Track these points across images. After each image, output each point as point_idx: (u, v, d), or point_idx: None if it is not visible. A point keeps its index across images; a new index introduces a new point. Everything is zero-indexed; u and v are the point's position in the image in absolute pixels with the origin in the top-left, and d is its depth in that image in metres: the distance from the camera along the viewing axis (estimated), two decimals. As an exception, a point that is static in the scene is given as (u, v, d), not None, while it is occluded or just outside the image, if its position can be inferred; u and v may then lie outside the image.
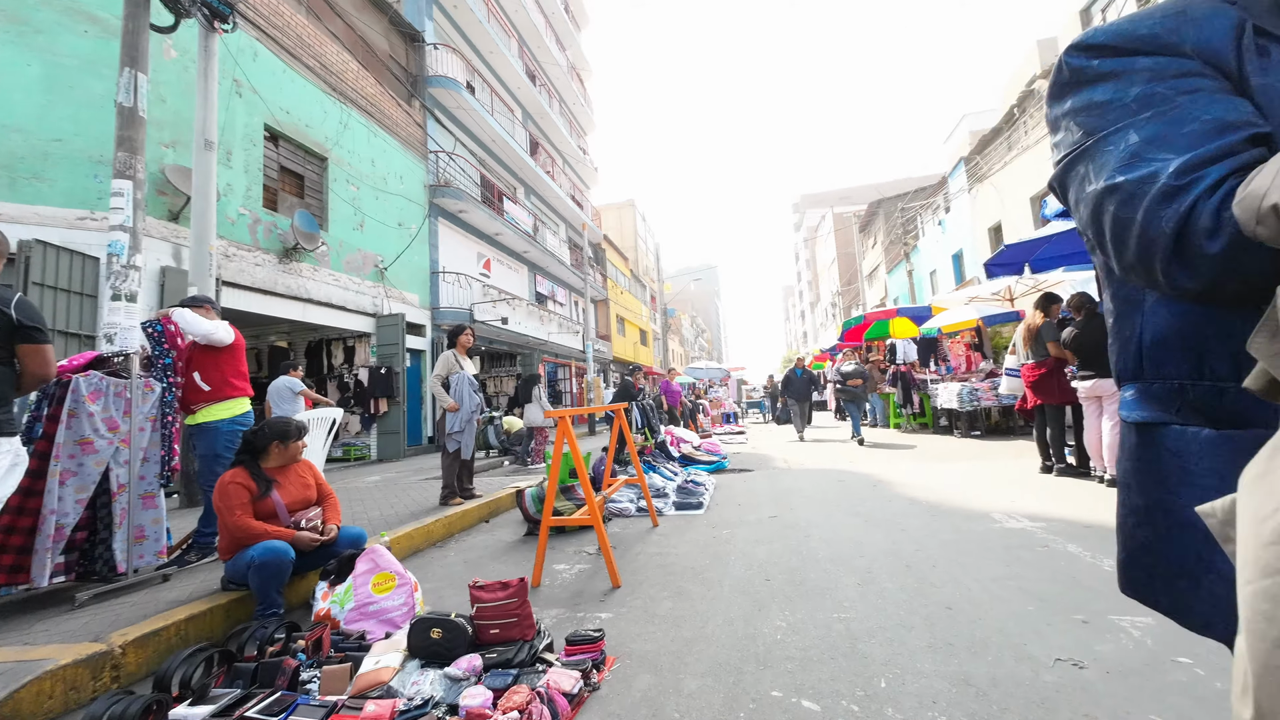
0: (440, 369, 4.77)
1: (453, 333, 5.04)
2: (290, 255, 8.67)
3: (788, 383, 10.41)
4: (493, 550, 3.74)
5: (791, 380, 10.29)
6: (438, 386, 4.72)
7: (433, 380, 4.73)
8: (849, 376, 8.79)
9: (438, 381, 4.75)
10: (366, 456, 10.41)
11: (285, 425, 2.72)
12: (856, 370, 8.90)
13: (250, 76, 8.29)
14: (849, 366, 8.98)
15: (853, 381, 8.73)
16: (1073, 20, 13.10)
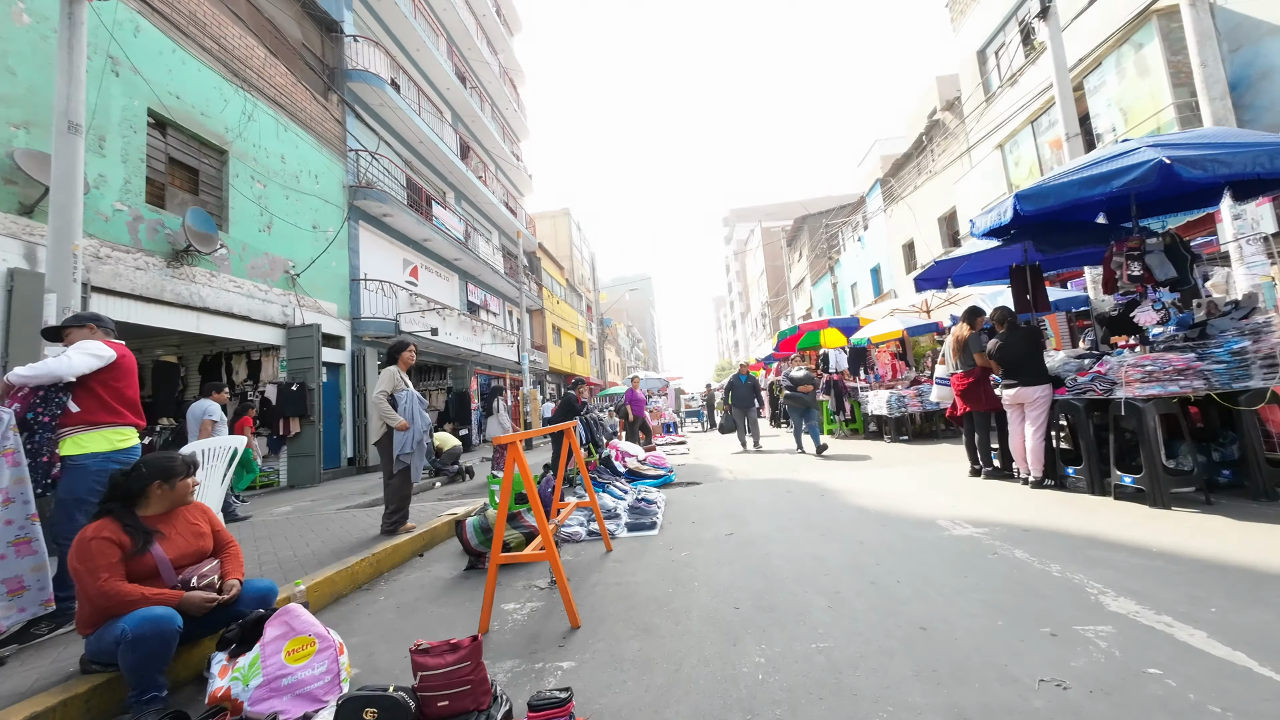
0: (385, 385, 4.36)
1: (394, 349, 4.62)
2: (181, 258, 7.65)
3: (732, 390, 9.93)
4: (430, 590, 3.35)
5: (736, 387, 9.86)
6: (384, 404, 4.29)
7: (377, 397, 4.28)
8: (799, 383, 8.19)
9: (383, 399, 4.30)
10: (275, 483, 9.35)
11: (169, 461, 2.25)
12: (806, 376, 8.31)
13: (131, 54, 7.28)
14: (799, 372, 8.37)
15: (803, 388, 8.17)
16: (970, 60, 14.45)
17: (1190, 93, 8.08)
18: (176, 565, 2.20)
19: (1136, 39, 8.79)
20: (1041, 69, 11.28)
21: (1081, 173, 3.54)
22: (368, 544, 4.09)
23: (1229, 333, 3.65)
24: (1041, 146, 11.51)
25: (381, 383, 4.37)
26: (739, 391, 9.77)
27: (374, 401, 4.31)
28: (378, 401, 4.29)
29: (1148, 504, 3.63)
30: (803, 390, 8.16)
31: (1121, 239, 4.10)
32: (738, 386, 9.84)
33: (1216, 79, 5.84)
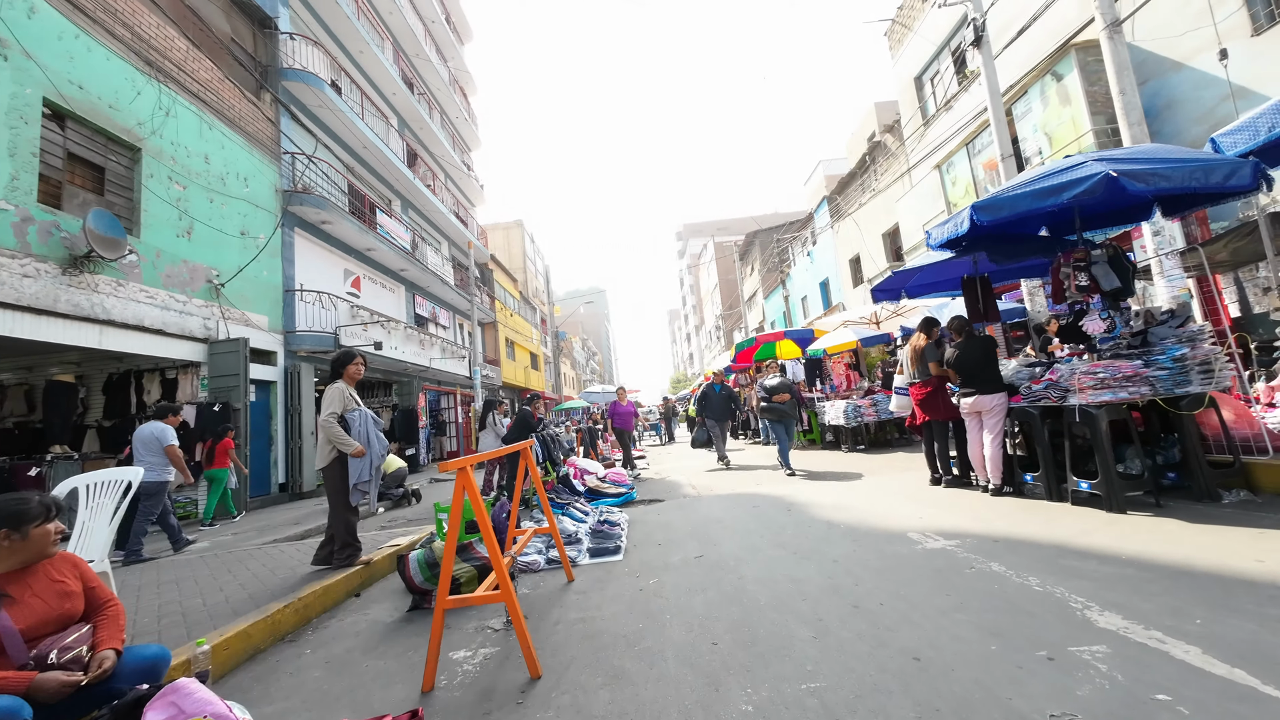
0: (335, 406, 3.82)
1: (338, 361, 4.05)
2: (81, 265, 6.81)
3: (705, 401, 9.06)
4: (366, 638, 2.94)
5: (709, 398, 9.00)
6: (335, 428, 3.77)
7: (326, 420, 3.76)
8: (774, 391, 7.42)
9: (334, 421, 3.78)
10: (192, 515, 8.41)
11: (19, 504, 1.81)
12: (782, 384, 7.49)
13: (23, 37, 6.49)
14: (773, 380, 7.58)
15: (779, 397, 7.36)
16: (908, 86, 15.27)
17: (1107, 120, 8.74)
18: (31, 636, 1.76)
19: (1058, 69, 9.47)
20: (974, 96, 12.01)
21: (1034, 185, 3.63)
22: (294, 586, 3.61)
23: (1168, 340, 3.81)
24: (976, 167, 12.20)
25: (330, 402, 3.83)
26: (713, 403, 8.96)
27: (323, 424, 3.77)
28: (327, 425, 3.76)
29: (1104, 509, 3.69)
30: (778, 400, 7.40)
31: (1068, 250, 4.25)
32: (711, 397, 9.00)
33: (1134, 106, 6.28)
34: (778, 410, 7.40)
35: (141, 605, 3.58)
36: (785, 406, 7.39)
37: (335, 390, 3.90)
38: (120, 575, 4.33)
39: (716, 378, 9.25)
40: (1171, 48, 8.08)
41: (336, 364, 4.05)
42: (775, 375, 7.97)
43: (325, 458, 3.85)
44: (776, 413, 7.39)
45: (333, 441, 3.79)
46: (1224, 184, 3.29)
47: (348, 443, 3.78)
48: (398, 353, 13.46)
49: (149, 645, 2.00)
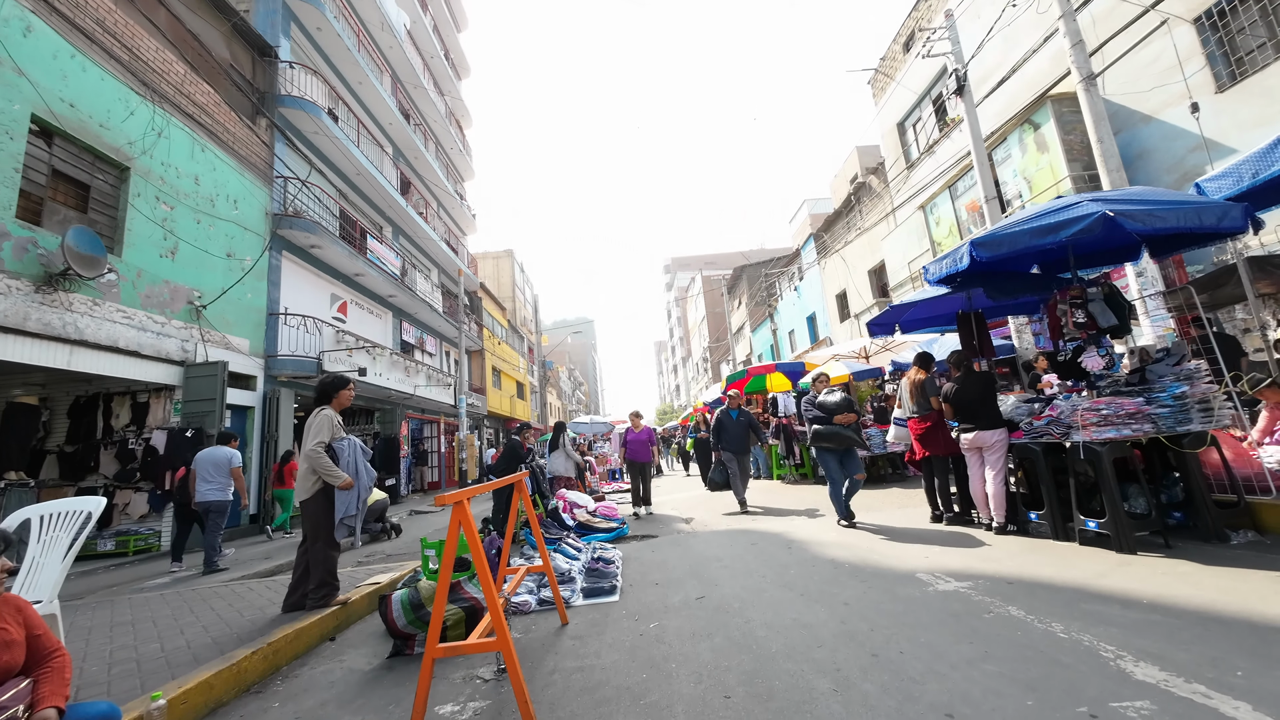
0: (323, 434, 3.58)
1: (329, 387, 3.82)
2: (56, 283, 6.58)
3: (720, 430, 7.28)
4: (342, 690, 2.69)
5: (725, 426, 7.24)
6: (324, 459, 3.54)
7: (314, 449, 3.51)
8: (836, 410, 5.44)
9: (322, 451, 3.54)
10: (154, 547, 7.94)
11: None
12: (846, 401, 5.52)
13: (16, 54, 6.43)
14: (834, 396, 5.60)
15: (843, 418, 5.40)
16: (891, 131, 15.91)
17: (1084, 166, 9.12)
18: (-42, 694, 1.53)
19: (1035, 119, 9.92)
20: (955, 141, 12.53)
21: (1033, 223, 3.68)
22: (263, 629, 3.33)
23: (1167, 378, 3.82)
24: (959, 208, 12.60)
25: (318, 430, 3.58)
26: (729, 431, 7.22)
27: (310, 454, 3.52)
28: (315, 455, 3.52)
29: (1113, 549, 3.61)
30: (841, 421, 5.38)
31: (1064, 288, 4.30)
32: (727, 425, 7.27)
33: (1112, 154, 6.55)
34: (840, 436, 5.35)
35: (91, 650, 3.26)
36: (850, 432, 5.37)
37: (324, 417, 3.66)
38: (69, 616, 3.97)
39: (731, 401, 7.49)
40: (1141, 102, 8.53)
41: (327, 389, 3.81)
42: (834, 388, 5.77)
43: (308, 490, 3.59)
44: (838, 439, 5.36)
45: (319, 472, 3.55)
46: (1217, 226, 3.37)
47: (335, 474, 3.55)
48: (382, 379, 13.17)
49: (97, 703, 1.77)
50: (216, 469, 6.18)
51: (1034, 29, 9.67)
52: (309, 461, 3.56)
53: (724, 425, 7.34)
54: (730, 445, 7.24)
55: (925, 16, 13.48)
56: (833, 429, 5.42)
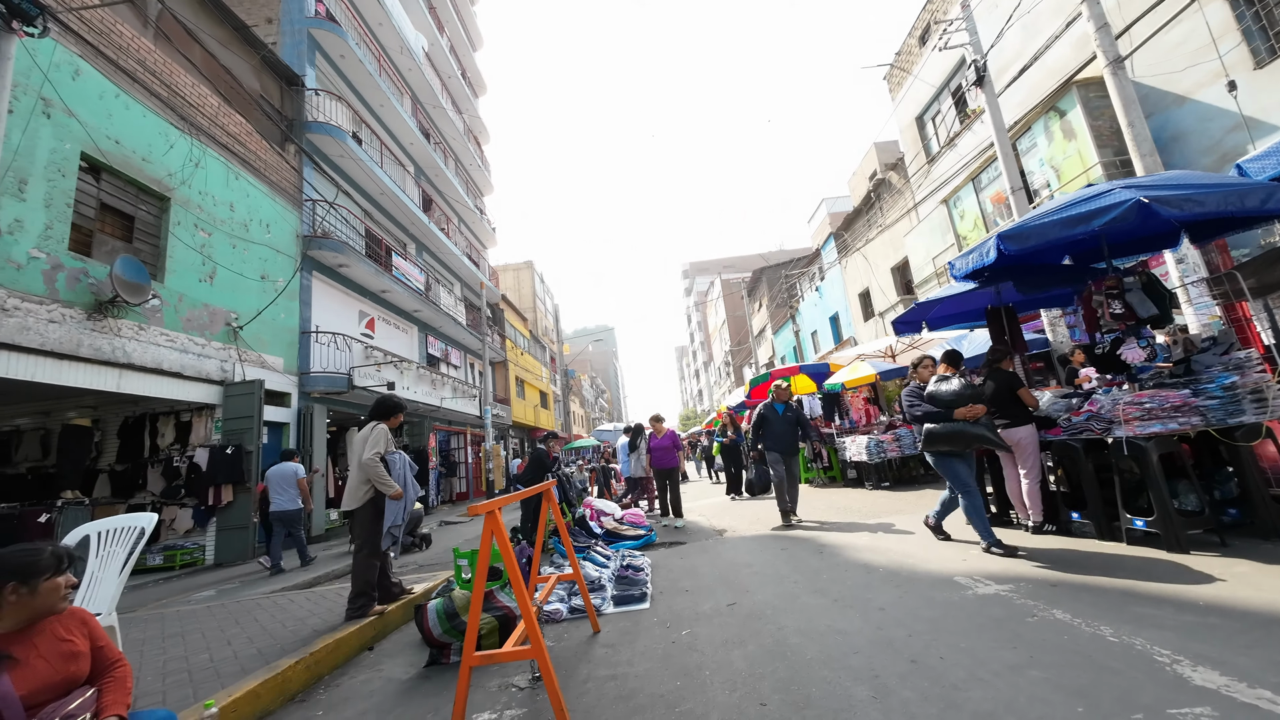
0: (380, 446, 3.79)
1: (388, 406, 4.07)
2: (105, 310, 6.93)
3: (763, 426, 6.31)
4: (381, 699, 2.75)
5: (770, 422, 6.26)
6: (379, 469, 3.72)
7: (370, 459, 3.70)
8: (954, 402, 4.05)
9: (378, 462, 3.73)
10: (199, 561, 8.23)
11: (29, 555, 1.70)
12: (967, 391, 4.08)
13: (66, 97, 6.83)
14: (950, 385, 4.13)
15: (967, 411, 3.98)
16: (910, 125, 15.66)
17: (1114, 152, 8.83)
18: (32, 703, 1.62)
19: (1060, 106, 9.65)
20: (976, 133, 12.26)
21: (1062, 213, 3.59)
22: (305, 639, 3.43)
23: (1215, 368, 3.66)
24: (984, 201, 12.31)
25: (375, 442, 3.78)
26: (775, 429, 6.20)
27: (366, 463, 3.70)
28: (371, 464, 3.70)
29: (1164, 549, 3.46)
30: (964, 416, 3.97)
31: (1099, 279, 4.16)
32: (772, 421, 6.24)
33: (1144, 138, 6.33)
34: (964, 436, 3.94)
35: (146, 661, 3.41)
36: (979, 429, 3.92)
37: (381, 430, 3.87)
38: (125, 628, 4.15)
39: (779, 394, 6.44)
40: (1173, 83, 8.23)
41: (387, 408, 4.05)
42: (950, 376, 4.21)
43: (359, 499, 3.76)
44: (962, 440, 3.96)
45: (373, 481, 3.72)
46: (1262, 208, 3.22)
47: (389, 484, 3.72)
48: (410, 393, 13.46)
49: (155, 710, 1.85)
50: (286, 482, 6.94)
51: (1055, 15, 9.44)
52: (364, 470, 3.73)
53: (768, 421, 6.33)
54: (776, 445, 6.16)
55: (941, 8, 13.27)
56: (954, 428, 3.99)
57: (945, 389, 4.17)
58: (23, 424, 9.11)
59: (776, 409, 6.39)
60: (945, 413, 4.10)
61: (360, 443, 3.84)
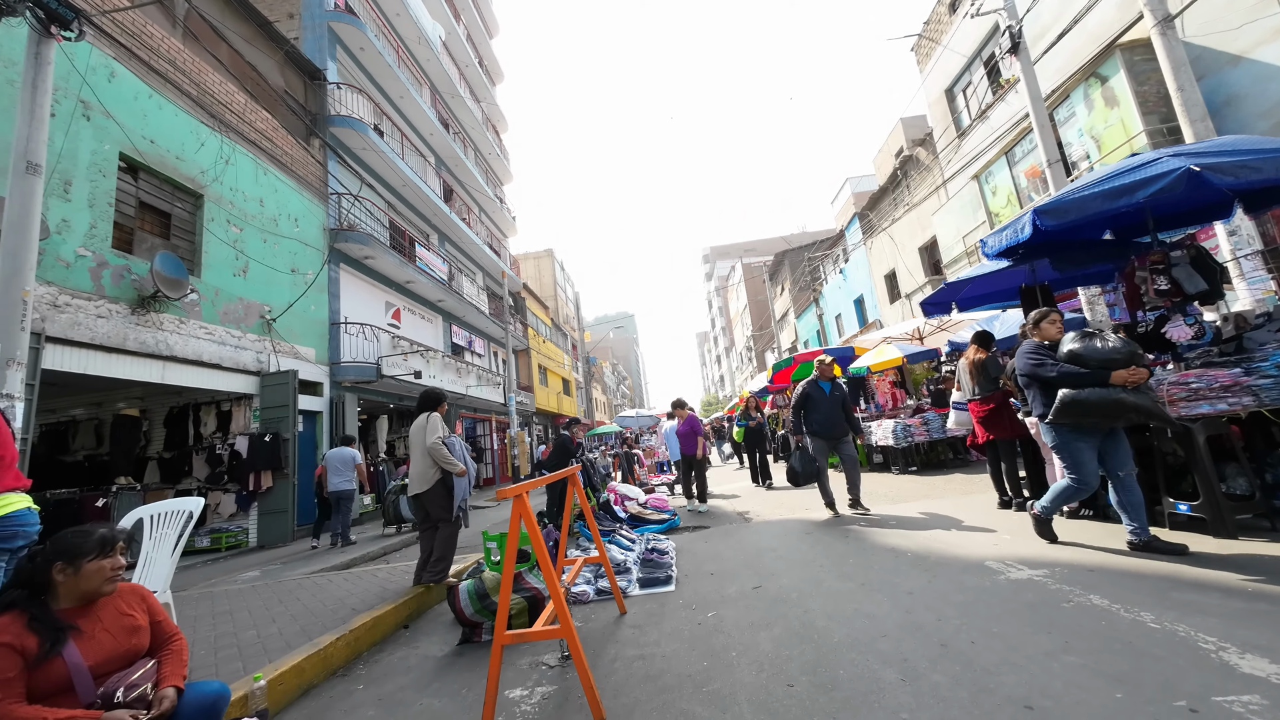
0: (440, 431, 4.23)
1: (436, 397, 4.55)
2: (148, 305, 7.21)
3: (806, 405, 5.60)
4: (418, 675, 2.85)
5: (815, 402, 5.55)
6: (443, 450, 4.15)
7: (435, 443, 4.13)
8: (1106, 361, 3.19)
9: (442, 445, 4.15)
10: (243, 544, 8.62)
11: (74, 538, 1.80)
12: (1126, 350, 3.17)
13: (104, 99, 7.06)
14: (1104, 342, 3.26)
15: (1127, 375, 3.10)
16: (939, 99, 15.06)
17: (1161, 119, 8.35)
18: (98, 673, 1.74)
19: (1102, 71, 9.15)
20: (1010, 104, 11.73)
21: (1104, 184, 3.41)
22: (344, 617, 3.58)
23: (1269, 345, 3.47)
24: (1018, 175, 11.82)
25: (435, 428, 4.21)
26: (823, 410, 5.50)
27: (433, 448, 4.09)
28: (436, 448, 4.10)
29: (1210, 534, 3.33)
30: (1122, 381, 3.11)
31: (1143, 253, 3.97)
32: (817, 400, 5.55)
33: (1195, 102, 5.96)
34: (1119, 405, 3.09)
35: (198, 636, 3.60)
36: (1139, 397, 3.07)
37: (436, 418, 4.29)
38: (178, 606, 4.40)
39: (823, 369, 5.71)
40: (1228, 42, 7.71)
41: (432, 399, 4.48)
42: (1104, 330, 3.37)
43: (427, 481, 4.12)
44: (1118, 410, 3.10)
45: (440, 463, 4.10)
46: (1326, 173, 3.01)
47: (454, 463, 4.10)
48: (436, 381, 13.74)
49: (210, 682, 1.96)
50: (344, 464, 7.67)
51: (1097, -26, 8.90)
52: (431, 454, 4.10)
53: (813, 401, 5.58)
54: (822, 429, 5.47)
55: (972, -27, 12.63)
56: (1110, 396, 3.06)
57: (1098, 346, 3.25)
58: (78, 414, 9.63)
59: (822, 387, 5.63)
60: (1093, 376, 3.17)
61: (419, 432, 4.23)
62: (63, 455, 9.47)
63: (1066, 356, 3.35)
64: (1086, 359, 3.26)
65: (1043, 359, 3.43)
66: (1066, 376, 3.27)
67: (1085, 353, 3.27)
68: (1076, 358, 3.30)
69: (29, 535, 2.29)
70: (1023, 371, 3.55)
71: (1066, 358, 3.34)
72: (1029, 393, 3.57)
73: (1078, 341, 3.34)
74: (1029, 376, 3.51)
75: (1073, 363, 3.31)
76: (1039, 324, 3.66)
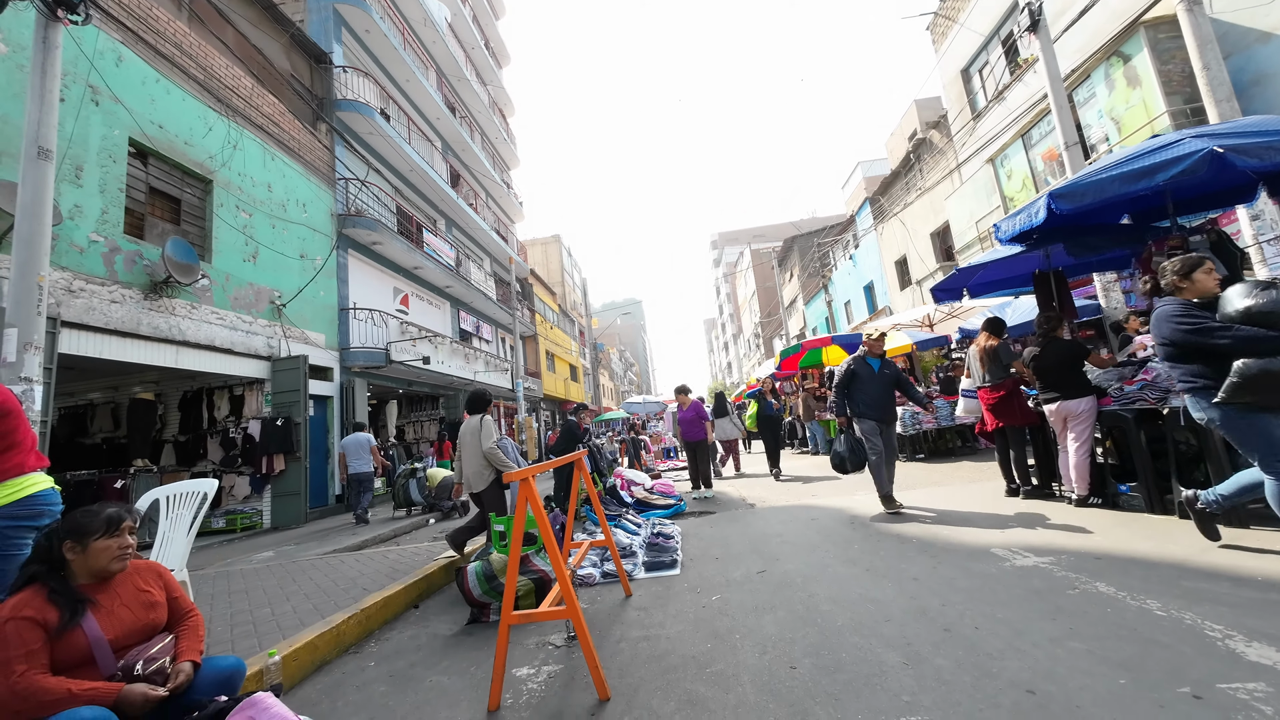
0: (494, 435, 4.63)
1: (485, 398, 4.90)
2: (160, 290, 7.29)
3: (852, 384, 5.00)
4: (427, 652, 2.92)
5: (862, 381, 4.97)
6: (499, 453, 4.54)
7: (492, 448, 4.53)
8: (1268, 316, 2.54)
9: (495, 448, 4.54)
10: (258, 525, 8.80)
11: (82, 517, 1.84)
12: None
13: (112, 84, 7.06)
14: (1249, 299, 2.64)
15: None
16: (955, 80, 14.69)
17: (1185, 100, 8.11)
18: (118, 646, 1.79)
19: (1124, 50, 8.87)
20: (1028, 85, 11.42)
21: (1122, 168, 3.33)
22: (356, 597, 3.65)
23: (1289, 333, 3.39)
24: (1034, 159, 11.56)
25: (490, 433, 4.56)
26: (870, 390, 4.94)
27: (489, 453, 4.48)
28: (493, 452, 4.49)
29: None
30: None
31: (1160, 238, 3.88)
32: (866, 379, 4.97)
33: (1221, 81, 5.77)
34: None
35: (215, 613, 3.70)
36: None
37: (489, 421, 4.60)
38: (196, 584, 4.51)
39: (871, 345, 5.08)
40: (1257, 18, 7.44)
41: (482, 402, 4.82)
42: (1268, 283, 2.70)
43: (484, 481, 4.52)
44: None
45: (496, 465, 4.48)
46: (1356, 155, 2.91)
47: (508, 464, 4.47)
48: (444, 367, 13.82)
49: (226, 657, 2.01)
50: (360, 449, 8.22)
51: (1123, -53, 8.59)
52: (489, 458, 4.49)
53: (859, 380, 4.97)
54: (870, 410, 4.86)
55: (992, -53, 12.25)
56: None
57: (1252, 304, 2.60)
58: (95, 398, 9.81)
59: (870, 364, 5.01)
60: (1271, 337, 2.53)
61: (473, 435, 4.58)
62: (82, 438, 9.67)
63: (1242, 316, 2.62)
64: (1259, 316, 2.56)
65: (1202, 321, 2.74)
66: (1248, 341, 2.56)
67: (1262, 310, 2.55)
68: (1252, 316, 2.58)
69: (54, 514, 2.34)
70: (1169, 339, 2.83)
71: (1242, 317, 2.62)
72: (1172, 367, 2.91)
73: (1254, 296, 2.61)
74: (1181, 346, 2.79)
75: (1251, 323, 2.59)
76: (1190, 274, 2.88)
